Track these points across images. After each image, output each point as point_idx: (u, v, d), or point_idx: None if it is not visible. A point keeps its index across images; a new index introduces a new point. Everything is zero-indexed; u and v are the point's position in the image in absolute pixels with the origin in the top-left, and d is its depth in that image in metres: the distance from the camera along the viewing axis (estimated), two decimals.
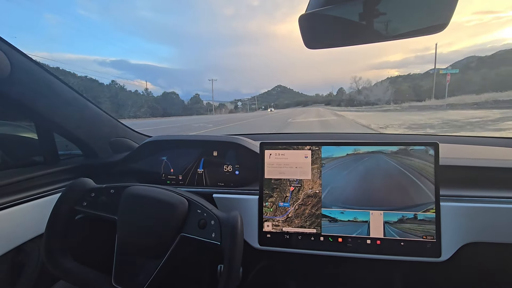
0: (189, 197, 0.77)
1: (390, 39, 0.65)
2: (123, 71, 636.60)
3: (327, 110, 54.05)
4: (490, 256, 0.92)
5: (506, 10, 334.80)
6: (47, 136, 1.02)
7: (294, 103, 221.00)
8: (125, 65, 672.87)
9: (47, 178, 0.96)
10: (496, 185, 0.89)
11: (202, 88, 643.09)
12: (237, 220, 0.71)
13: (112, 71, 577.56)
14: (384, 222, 0.81)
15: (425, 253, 0.79)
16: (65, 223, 0.74)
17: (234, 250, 0.68)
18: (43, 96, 0.89)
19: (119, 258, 0.73)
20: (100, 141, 1.13)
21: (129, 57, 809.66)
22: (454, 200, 0.83)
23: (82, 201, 0.75)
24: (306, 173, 0.87)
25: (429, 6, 0.57)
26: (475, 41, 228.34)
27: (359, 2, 0.57)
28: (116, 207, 0.74)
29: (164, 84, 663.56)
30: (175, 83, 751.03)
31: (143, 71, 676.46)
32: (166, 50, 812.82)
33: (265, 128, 14.67)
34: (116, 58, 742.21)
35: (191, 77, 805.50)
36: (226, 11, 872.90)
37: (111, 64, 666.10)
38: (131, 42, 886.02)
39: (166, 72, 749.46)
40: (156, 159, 1.15)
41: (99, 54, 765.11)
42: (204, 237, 0.72)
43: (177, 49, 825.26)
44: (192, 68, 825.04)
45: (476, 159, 1.00)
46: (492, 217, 0.81)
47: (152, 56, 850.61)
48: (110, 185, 0.77)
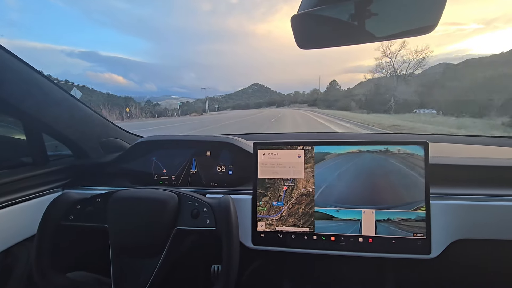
0: (178, 191, 0.78)
1: (382, 40, 0.65)
2: (93, 63, 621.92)
3: (312, 115, 30.01)
4: (479, 252, 0.94)
5: (469, 23, 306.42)
6: (35, 136, 1.00)
7: (266, 102, 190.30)
8: (96, 57, 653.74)
9: (36, 179, 0.94)
10: (485, 183, 0.91)
11: (178, 85, 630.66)
12: (228, 203, 0.74)
13: (81, 63, 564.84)
14: (376, 220, 0.82)
15: (415, 250, 0.81)
16: (53, 240, 0.72)
17: (231, 231, 0.70)
18: (31, 96, 0.87)
19: (116, 262, 0.72)
20: (91, 141, 1.11)
21: (99, 49, 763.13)
22: (443, 198, 0.85)
23: (68, 215, 0.74)
24: (299, 172, 0.87)
25: (419, 8, 0.57)
26: (441, 50, 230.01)
27: (351, 2, 0.58)
28: (105, 215, 0.73)
29: (136, 79, 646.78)
30: (149, 78, 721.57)
31: (115, 64, 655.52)
32: (140, 44, 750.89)
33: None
34: (86, 49, 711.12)
35: (167, 72, 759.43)
36: (204, 6, 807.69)
37: (80, 55, 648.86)
38: (102, 33, 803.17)
39: (139, 66, 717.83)
40: (148, 159, 1.14)
41: (67, 44, 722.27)
42: (198, 225, 0.73)
43: (151, 43, 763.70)
44: (168, 64, 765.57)
45: (465, 158, 1.02)
46: (480, 214, 0.83)
47: (124, 49, 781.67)
48: (95, 194, 0.76)
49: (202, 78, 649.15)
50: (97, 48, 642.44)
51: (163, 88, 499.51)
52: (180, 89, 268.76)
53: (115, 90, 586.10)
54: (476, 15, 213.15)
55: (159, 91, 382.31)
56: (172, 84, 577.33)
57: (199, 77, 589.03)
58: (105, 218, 0.73)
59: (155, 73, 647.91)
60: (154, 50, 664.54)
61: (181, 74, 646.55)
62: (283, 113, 34.06)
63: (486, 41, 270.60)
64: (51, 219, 0.73)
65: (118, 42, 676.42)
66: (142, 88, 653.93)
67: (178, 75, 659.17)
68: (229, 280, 0.68)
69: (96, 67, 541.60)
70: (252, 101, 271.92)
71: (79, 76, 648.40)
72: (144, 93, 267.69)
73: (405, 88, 36.89)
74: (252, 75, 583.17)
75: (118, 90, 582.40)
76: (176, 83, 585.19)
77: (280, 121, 18.40)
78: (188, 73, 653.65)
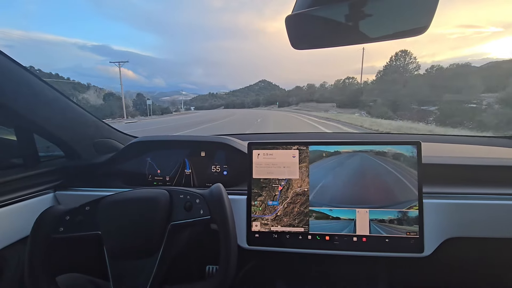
0: (168, 188, 0.78)
1: (375, 41, 0.66)
2: (105, 57, 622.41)
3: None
4: (470, 250, 0.96)
5: (487, 26, 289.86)
6: (26, 137, 0.98)
7: (267, 100, 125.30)
8: (108, 50, 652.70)
9: (27, 181, 0.93)
10: (476, 182, 0.93)
11: (188, 81, 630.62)
12: (220, 190, 0.74)
13: (93, 56, 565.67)
14: (370, 219, 0.83)
15: (408, 249, 0.82)
16: (44, 253, 0.70)
17: (226, 218, 0.71)
18: (21, 96, 0.86)
19: (113, 266, 0.71)
20: (83, 142, 1.10)
21: (111, 43, 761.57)
22: (436, 197, 0.86)
23: (58, 227, 0.72)
24: (294, 172, 0.88)
25: (411, 10, 0.58)
26: (456, 54, 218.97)
27: (345, 3, 0.58)
28: (96, 222, 0.72)
29: (145, 73, 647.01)
30: (158, 73, 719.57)
31: (126, 59, 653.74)
32: (151, 39, 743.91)
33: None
34: (98, 43, 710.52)
35: (176, 68, 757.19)
36: (216, 3, 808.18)
37: (92, 49, 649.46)
38: (114, 27, 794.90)
39: (149, 61, 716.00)
40: (142, 160, 1.13)
41: (79, 37, 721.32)
42: (193, 217, 0.73)
43: (162, 38, 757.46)
44: (178, 59, 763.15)
45: (457, 157, 1.04)
46: (472, 213, 0.84)
47: (136, 44, 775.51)
48: (84, 203, 0.75)
49: (211, 75, 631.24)
50: (109, 42, 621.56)
51: (172, 84, 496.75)
52: (190, 85, 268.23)
53: (125, 85, 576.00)
54: (495, 18, 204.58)
55: (168, 86, 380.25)
56: (182, 80, 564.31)
57: (208, 74, 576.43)
58: (96, 225, 0.72)
59: (164, 68, 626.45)
60: (165, 45, 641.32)
61: (191, 70, 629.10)
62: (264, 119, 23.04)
63: (505, 45, 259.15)
64: (41, 234, 0.71)
65: (129, 37, 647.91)
66: (151, 83, 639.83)
67: (188, 71, 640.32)
68: (230, 264, 0.68)
69: (107, 61, 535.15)
70: (248, 98, 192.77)
71: (90, 70, 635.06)
72: (153, 88, 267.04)
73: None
74: (260, 73, 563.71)
75: (128, 85, 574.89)
76: (186, 79, 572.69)
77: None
78: (197, 69, 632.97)
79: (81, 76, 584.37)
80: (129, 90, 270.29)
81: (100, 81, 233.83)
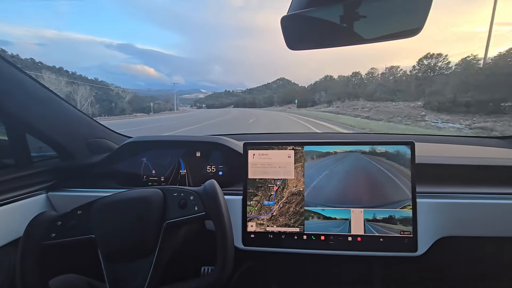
0: (161, 186, 0.78)
1: (370, 42, 0.66)
2: (129, 55, 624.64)
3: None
4: (463, 249, 0.98)
5: None
6: (18, 137, 0.97)
7: (281, 99, 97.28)
8: (132, 49, 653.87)
9: (19, 181, 0.91)
10: (469, 182, 0.94)
11: (207, 79, 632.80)
12: (214, 186, 0.75)
13: (118, 55, 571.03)
14: (365, 219, 0.84)
15: (402, 248, 0.82)
16: (36, 261, 0.69)
17: (221, 213, 0.71)
18: (13, 95, 0.84)
19: (109, 269, 0.70)
20: (77, 142, 1.08)
21: (135, 42, 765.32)
22: (429, 196, 0.87)
23: (50, 233, 0.70)
24: (290, 172, 0.88)
25: (405, 12, 0.59)
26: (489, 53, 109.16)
27: (340, 5, 0.58)
28: (89, 226, 0.71)
29: (167, 71, 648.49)
30: (178, 71, 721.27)
31: (149, 57, 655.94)
32: (173, 37, 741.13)
33: None
34: (123, 42, 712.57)
35: (195, 66, 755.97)
36: (235, 2, 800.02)
37: (117, 48, 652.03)
38: (138, 27, 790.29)
39: (171, 60, 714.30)
40: (137, 160, 1.12)
41: (106, 37, 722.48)
42: (188, 214, 0.72)
43: (183, 37, 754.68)
44: (197, 58, 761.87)
45: (450, 157, 1.05)
46: (465, 212, 0.86)
47: (158, 42, 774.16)
48: (75, 207, 0.74)
49: (230, 73, 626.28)
50: (133, 41, 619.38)
51: (192, 82, 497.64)
52: (209, 84, 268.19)
53: (147, 83, 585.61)
54: None
55: (188, 84, 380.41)
56: (201, 78, 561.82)
57: (227, 72, 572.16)
58: (90, 228, 0.71)
59: (185, 67, 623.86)
60: (186, 44, 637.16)
61: (210, 68, 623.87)
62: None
63: None
64: (32, 241, 0.69)
65: (153, 36, 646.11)
66: (171, 81, 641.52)
67: (207, 70, 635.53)
68: (227, 260, 0.68)
69: (131, 59, 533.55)
70: (261, 96, 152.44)
71: (114, 68, 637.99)
72: (173, 86, 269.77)
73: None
74: (279, 71, 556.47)
75: (150, 83, 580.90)
76: (205, 77, 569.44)
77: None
78: (216, 68, 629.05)
79: (106, 73, 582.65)
80: (151, 88, 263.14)
81: (123, 79, 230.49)
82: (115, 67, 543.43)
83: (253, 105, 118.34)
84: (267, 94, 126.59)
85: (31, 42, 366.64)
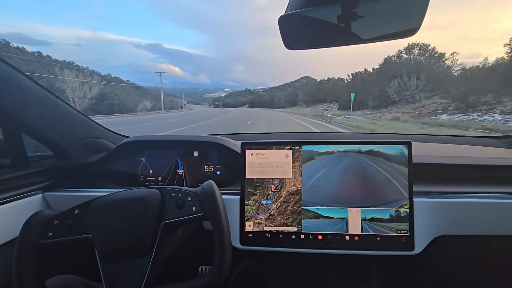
0: (159, 186, 0.78)
1: (367, 42, 0.67)
2: (157, 54, 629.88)
3: None
4: (460, 248, 0.98)
5: None
6: (14, 137, 0.96)
7: (307, 99, 56.46)
8: (159, 49, 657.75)
9: (14, 181, 0.90)
10: (465, 181, 0.95)
11: (230, 78, 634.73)
12: (212, 187, 0.75)
13: (146, 54, 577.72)
14: (362, 218, 0.84)
15: (399, 247, 0.83)
16: (32, 260, 0.68)
17: (218, 214, 0.71)
18: (9, 95, 0.84)
19: (106, 269, 0.70)
20: (73, 142, 1.08)
21: (162, 41, 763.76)
22: (426, 195, 0.88)
23: (46, 232, 0.70)
24: (287, 172, 0.88)
25: (402, 12, 0.59)
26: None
27: (338, 5, 0.59)
28: (86, 225, 0.71)
29: (190, 70, 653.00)
30: (203, 70, 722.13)
31: (174, 56, 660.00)
32: (198, 37, 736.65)
33: None
34: (151, 42, 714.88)
35: (219, 66, 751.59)
36: (260, 2, 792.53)
37: (146, 47, 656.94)
38: (165, 27, 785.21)
39: (196, 59, 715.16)
40: (134, 160, 1.12)
41: (135, 37, 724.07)
42: (185, 215, 0.72)
43: (208, 36, 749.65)
44: (221, 57, 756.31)
45: (447, 157, 1.06)
46: (461, 211, 0.86)
47: (184, 42, 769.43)
48: (72, 207, 0.73)
49: (252, 73, 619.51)
50: (160, 41, 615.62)
51: (216, 81, 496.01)
52: (232, 83, 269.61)
53: (173, 81, 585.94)
54: None
55: (212, 83, 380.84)
56: (224, 77, 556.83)
57: (250, 71, 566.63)
58: (87, 228, 0.70)
59: (209, 66, 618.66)
60: (210, 43, 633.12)
61: (233, 67, 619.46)
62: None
63: None
64: (28, 241, 0.68)
65: (179, 35, 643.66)
66: (196, 80, 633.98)
67: (230, 69, 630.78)
68: (224, 261, 0.68)
69: (158, 58, 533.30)
70: (281, 93, 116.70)
71: (142, 67, 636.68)
72: (198, 85, 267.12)
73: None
74: (303, 70, 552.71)
75: (175, 81, 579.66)
76: (228, 76, 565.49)
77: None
78: (239, 67, 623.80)
79: (135, 72, 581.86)
80: (177, 87, 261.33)
81: (150, 77, 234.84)
82: (143, 66, 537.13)
83: (271, 105, 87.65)
84: (289, 91, 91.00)
85: (69, 43, 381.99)
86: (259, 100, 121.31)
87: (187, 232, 0.91)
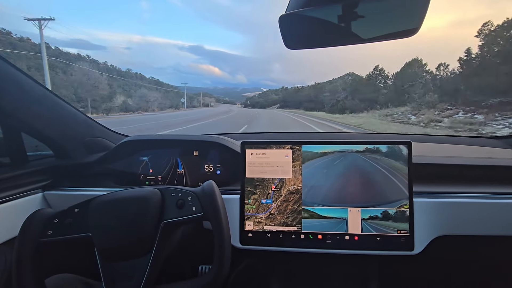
0: (159, 186, 0.78)
1: (367, 41, 0.67)
2: (199, 56, 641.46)
3: None
4: (460, 248, 0.98)
5: None
6: (13, 135, 0.96)
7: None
8: (201, 50, 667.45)
9: (14, 180, 0.90)
10: (465, 181, 0.95)
11: (268, 78, 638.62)
12: (212, 187, 0.75)
13: (188, 56, 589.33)
14: (362, 218, 0.84)
15: (399, 247, 0.83)
16: (32, 258, 0.68)
17: (218, 214, 0.71)
18: (8, 93, 0.84)
19: (105, 267, 0.70)
20: (73, 141, 1.08)
21: (204, 43, 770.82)
22: (426, 196, 0.88)
23: (46, 230, 0.70)
24: (287, 172, 0.88)
25: (403, 12, 0.59)
26: None
27: (338, 5, 0.58)
28: (86, 224, 0.71)
29: (228, 70, 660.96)
30: (240, 70, 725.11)
31: (214, 57, 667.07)
32: (237, 37, 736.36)
33: None
34: (193, 44, 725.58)
35: (258, 66, 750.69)
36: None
37: (188, 49, 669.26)
38: (207, 28, 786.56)
39: (235, 59, 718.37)
40: (134, 159, 1.12)
41: (179, 39, 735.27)
42: (185, 215, 0.72)
43: (247, 37, 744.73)
44: (260, 57, 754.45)
45: (447, 157, 1.06)
46: (461, 211, 0.86)
47: (224, 43, 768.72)
48: (72, 205, 0.73)
49: (291, 72, 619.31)
50: (202, 42, 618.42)
51: (254, 81, 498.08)
52: (270, 82, 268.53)
53: (213, 81, 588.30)
54: None
55: (250, 83, 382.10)
56: (263, 77, 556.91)
57: (288, 71, 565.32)
58: (87, 226, 0.70)
59: (247, 66, 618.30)
60: (248, 44, 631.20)
61: (271, 67, 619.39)
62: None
63: None
64: (29, 238, 0.68)
65: (220, 37, 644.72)
66: (234, 80, 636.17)
67: (268, 68, 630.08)
68: (224, 261, 0.68)
69: (200, 59, 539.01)
70: (325, 97, 50.49)
71: (185, 68, 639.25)
72: (236, 84, 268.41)
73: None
74: (347, 67, 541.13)
75: (215, 81, 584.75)
76: (266, 76, 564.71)
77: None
78: (276, 66, 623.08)
79: (178, 73, 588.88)
80: (217, 86, 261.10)
81: (192, 78, 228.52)
82: (185, 67, 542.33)
83: (316, 107, 54.89)
84: (332, 85, 58.04)
85: (121, 46, 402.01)
86: (293, 100, 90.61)
87: (187, 232, 0.91)
